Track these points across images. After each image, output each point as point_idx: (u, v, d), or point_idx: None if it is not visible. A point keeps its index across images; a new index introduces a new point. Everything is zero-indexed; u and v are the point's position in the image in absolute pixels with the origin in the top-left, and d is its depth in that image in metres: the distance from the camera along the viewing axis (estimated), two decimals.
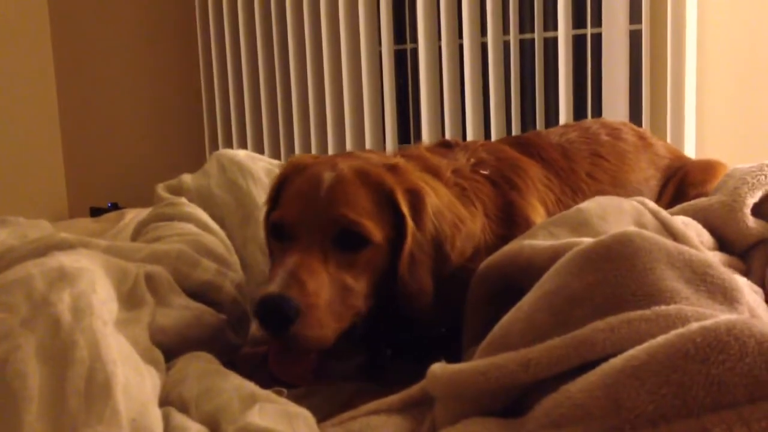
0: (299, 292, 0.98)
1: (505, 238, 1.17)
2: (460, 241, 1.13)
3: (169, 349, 1.00)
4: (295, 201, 1.12)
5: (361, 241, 1.06)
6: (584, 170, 1.42)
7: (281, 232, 1.11)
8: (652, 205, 1.15)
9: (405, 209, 1.09)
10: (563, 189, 1.37)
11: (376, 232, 1.06)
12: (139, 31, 3.77)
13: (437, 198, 1.14)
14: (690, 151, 2.47)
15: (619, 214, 1.10)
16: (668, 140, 2.42)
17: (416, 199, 1.11)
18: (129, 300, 1.00)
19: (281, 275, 1.01)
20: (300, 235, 1.07)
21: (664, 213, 1.13)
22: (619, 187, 1.44)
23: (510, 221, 1.24)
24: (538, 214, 1.27)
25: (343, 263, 1.05)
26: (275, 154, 3.24)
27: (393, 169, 1.14)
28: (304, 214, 1.08)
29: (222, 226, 1.46)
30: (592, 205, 1.13)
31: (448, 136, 2.88)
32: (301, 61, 3.20)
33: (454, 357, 0.97)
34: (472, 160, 1.30)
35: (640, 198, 1.19)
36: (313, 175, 1.12)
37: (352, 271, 1.05)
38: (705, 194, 1.37)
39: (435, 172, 1.22)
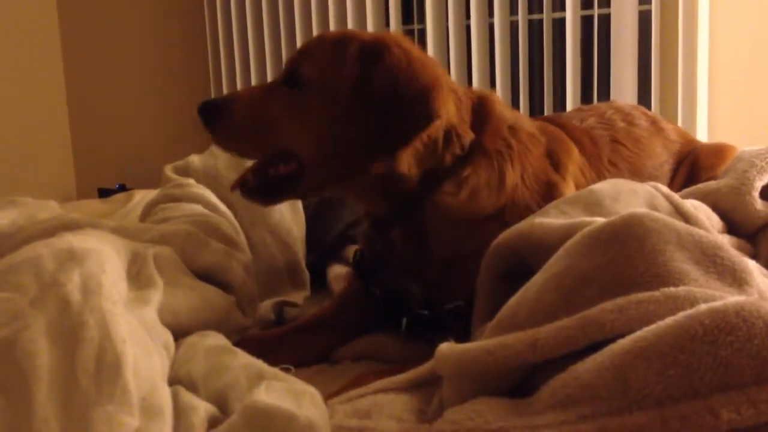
0: (226, 101, 1.22)
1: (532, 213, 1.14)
2: (426, 107, 1.11)
3: (177, 329, 1.01)
4: None
5: (297, 80, 1.17)
6: (606, 157, 1.40)
7: None
8: (665, 189, 1.14)
9: (350, 59, 1.14)
10: (591, 176, 1.34)
11: (310, 74, 1.16)
12: (147, 12, 3.75)
13: (413, 61, 1.14)
14: (702, 135, 2.43)
15: (632, 196, 1.10)
16: (679, 124, 2.39)
17: (371, 52, 1.14)
18: (138, 280, 1.00)
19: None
20: None
21: (676, 197, 1.13)
22: (637, 174, 1.41)
23: (548, 198, 1.20)
24: None
25: (285, 98, 1.17)
26: None
27: (378, 38, 1.18)
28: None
29: (229, 206, 1.46)
30: (605, 185, 1.13)
31: None
32: None
33: (467, 335, 0.98)
34: (531, 130, 1.27)
35: (653, 183, 1.18)
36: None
37: (292, 108, 1.16)
38: (716, 178, 1.36)
39: (487, 114, 1.22)
